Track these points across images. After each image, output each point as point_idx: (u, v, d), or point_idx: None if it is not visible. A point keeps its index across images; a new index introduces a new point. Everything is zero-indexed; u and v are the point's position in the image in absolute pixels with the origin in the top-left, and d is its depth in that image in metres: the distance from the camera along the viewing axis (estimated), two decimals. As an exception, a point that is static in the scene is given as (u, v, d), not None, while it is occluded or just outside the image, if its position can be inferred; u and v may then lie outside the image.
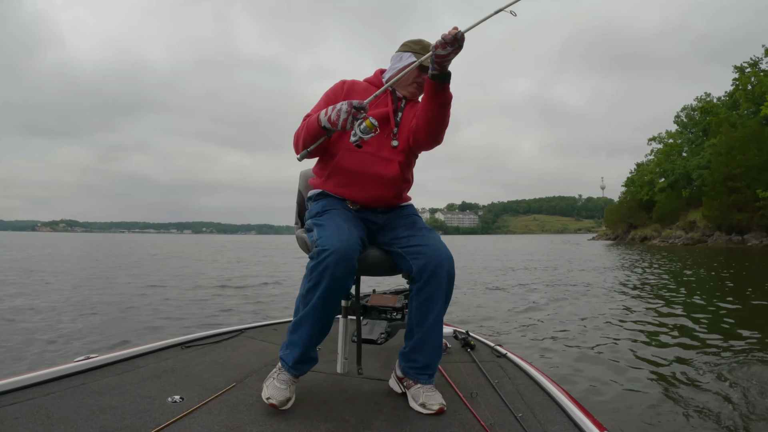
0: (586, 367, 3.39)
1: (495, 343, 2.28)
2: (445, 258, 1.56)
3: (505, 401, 1.56)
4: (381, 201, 1.73)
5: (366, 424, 1.40)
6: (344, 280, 1.47)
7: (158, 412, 1.41)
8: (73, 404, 1.43)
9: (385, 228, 1.73)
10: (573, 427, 1.37)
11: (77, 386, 1.58)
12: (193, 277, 10.29)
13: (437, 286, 1.54)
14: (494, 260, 17.29)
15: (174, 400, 1.50)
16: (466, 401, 1.57)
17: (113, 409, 1.41)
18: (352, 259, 1.47)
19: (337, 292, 1.49)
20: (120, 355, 1.90)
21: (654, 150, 52.98)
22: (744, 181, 32.79)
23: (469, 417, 1.45)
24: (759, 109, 35.76)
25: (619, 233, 54.93)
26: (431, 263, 1.53)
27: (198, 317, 5.30)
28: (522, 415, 1.45)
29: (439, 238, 1.64)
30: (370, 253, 1.68)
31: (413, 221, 1.73)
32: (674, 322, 5.07)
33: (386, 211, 1.76)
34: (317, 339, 1.55)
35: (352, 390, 1.69)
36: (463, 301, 6.68)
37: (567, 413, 1.46)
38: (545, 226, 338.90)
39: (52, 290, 7.63)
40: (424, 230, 1.68)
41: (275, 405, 1.44)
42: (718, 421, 2.40)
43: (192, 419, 1.37)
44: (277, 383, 1.51)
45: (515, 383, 1.77)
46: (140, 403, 1.47)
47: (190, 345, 2.18)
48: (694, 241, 36.81)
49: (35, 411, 1.36)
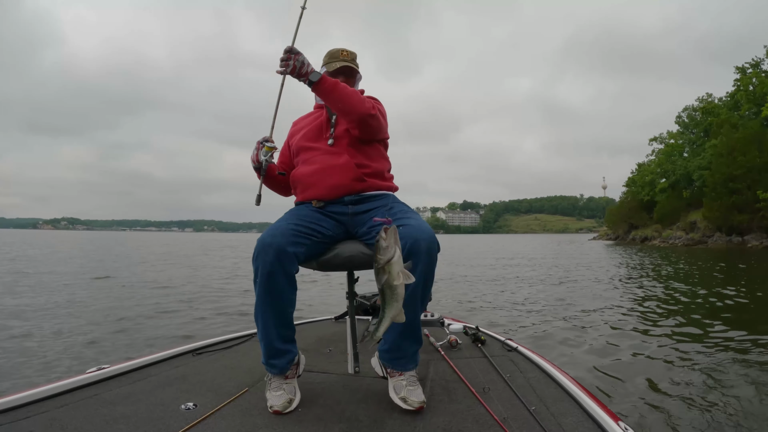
0: (597, 360, 3.42)
1: (505, 338, 2.30)
2: (422, 235, 1.49)
3: (518, 395, 1.57)
4: (340, 188, 1.73)
5: (379, 423, 1.40)
6: (274, 264, 1.48)
7: (171, 420, 1.42)
8: (87, 415, 1.44)
9: (361, 220, 1.73)
10: (587, 418, 1.39)
11: (90, 397, 1.60)
12: (202, 279, 10.30)
13: (415, 262, 1.45)
14: (497, 259, 17.28)
15: (187, 407, 1.51)
16: (479, 396, 1.58)
17: (127, 418, 1.42)
18: (280, 244, 1.50)
19: (272, 277, 1.49)
20: (132, 364, 1.91)
21: (655, 150, 52.93)
22: (745, 182, 32.68)
23: (483, 412, 1.46)
24: (760, 110, 35.70)
25: (619, 233, 54.82)
26: (407, 242, 1.47)
27: (207, 323, 5.32)
28: (535, 408, 1.46)
29: (418, 218, 1.61)
30: (347, 248, 1.68)
31: (389, 208, 1.71)
32: (683, 315, 5.10)
33: (355, 201, 1.75)
34: (275, 331, 1.54)
35: (365, 390, 1.70)
36: (470, 297, 6.71)
37: (581, 405, 1.47)
38: (547, 226, 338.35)
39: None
40: (401, 213, 1.64)
41: (278, 411, 1.46)
42: (730, 414, 2.42)
43: (205, 425, 1.38)
44: (272, 390, 1.54)
45: (527, 377, 1.78)
46: (153, 411, 1.48)
47: (201, 351, 2.19)
48: (694, 241, 36.73)
49: (49, 423, 1.37)
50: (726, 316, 5.17)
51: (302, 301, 6.58)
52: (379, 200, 1.76)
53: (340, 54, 1.90)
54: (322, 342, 2.42)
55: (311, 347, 2.32)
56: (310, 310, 5.55)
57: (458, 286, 8.37)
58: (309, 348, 2.31)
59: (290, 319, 1.60)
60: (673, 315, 5.07)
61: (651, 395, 2.67)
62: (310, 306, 5.93)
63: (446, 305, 6.07)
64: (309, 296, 6.91)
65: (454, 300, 6.65)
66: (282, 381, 1.56)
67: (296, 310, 1.60)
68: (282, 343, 1.57)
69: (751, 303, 6.30)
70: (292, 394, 1.54)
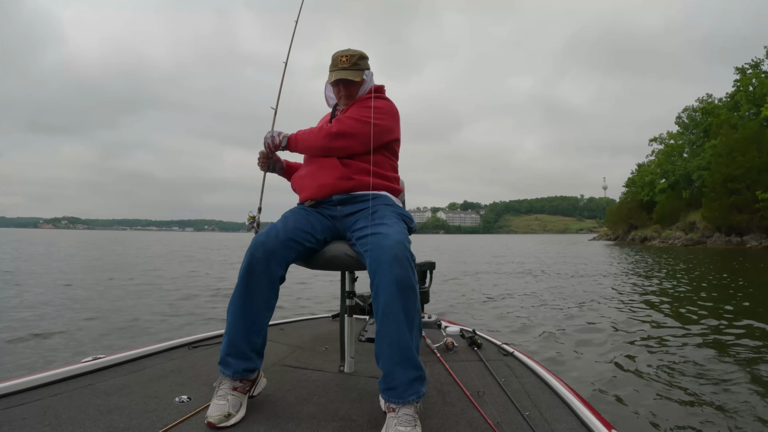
0: (592, 366, 3.41)
1: (502, 342, 2.29)
2: (387, 242, 1.42)
3: (512, 400, 1.57)
4: (326, 187, 1.72)
5: (373, 423, 1.40)
6: (261, 262, 1.48)
7: (165, 412, 1.41)
8: (81, 405, 1.44)
9: (347, 222, 1.70)
10: (580, 425, 1.38)
11: (85, 387, 1.59)
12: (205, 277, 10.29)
13: (383, 273, 1.37)
14: (497, 260, 17.28)
15: (181, 400, 1.51)
16: (473, 400, 1.57)
17: (120, 409, 1.42)
18: (272, 246, 1.51)
19: (254, 275, 1.48)
20: (127, 355, 1.91)
21: (655, 151, 53.01)
22: (744, 182, 32.72)
23: (476, 415, 1.46)
24: (759, 110, 35.71)
25: (619, 234, 54.92)
26: (374, 251, 1.41)
27: (202, 319, 5.33)
28: (529, 414, 1.46)
29: (393, 226, 1.52)
30: (333, 248, 1.67)
31: (375, 210, 1.64)
32: (680, 320, 5.09)
33: (343, 202, 1.72)
34: (243, 331, 1.47)
35: (359, 389, 1.69)
36: (468, 301, 6.71)
37: (574, 411, 1.47)
38: (547, 226, 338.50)
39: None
40: (378, 219, 1.58)
41: (212, 423, 1.32)
42: (726, 420, 2.42)
43: (199, 419, 1.38)
44: (216, 397, 1.41)
45: (522, 382, 1.78)
46: (147, 403, 1.48)
47: (197, 345, 2.19)
48: (693, 242, 36.77)
49: (43, 412, 1.37)
50: (725, 321, 5.16)
51: (294, 295, 6.63)
52: (366, 202, 1.70)
53: (339, 60, 1.81)
54: (318, 340, 2.42)
55: (307, 345, 2.33)
56: (311, 308, 5.55)
57: (457, 288, 8.37)
58: (305, 345, 2.31)
59: (262, 325, 1.50)
60: (671, 322, 5.05)
61: (645, 403, 2.65)
62: (308, 299, 5.93)
63: (443, 308, 6.07)
64: (299, 290, 6.93)
65: (451, 303, 6.65)
66: (229, 389, 1.43)
67: (297, 306, 1.59)
68: (245, 345, 1.47)
69: (751, 306, 6.30)
70: (235, 409, 1.38)
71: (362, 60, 1.83)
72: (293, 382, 1.76)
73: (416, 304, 1.39)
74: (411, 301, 1.38)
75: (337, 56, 1.82)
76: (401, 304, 1.36)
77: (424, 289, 2.75)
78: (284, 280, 1.56)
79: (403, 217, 1.68)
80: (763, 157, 31.68)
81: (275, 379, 1.77)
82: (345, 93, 1.83)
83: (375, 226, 1.52)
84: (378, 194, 1.75)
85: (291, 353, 2.17)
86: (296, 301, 6.27)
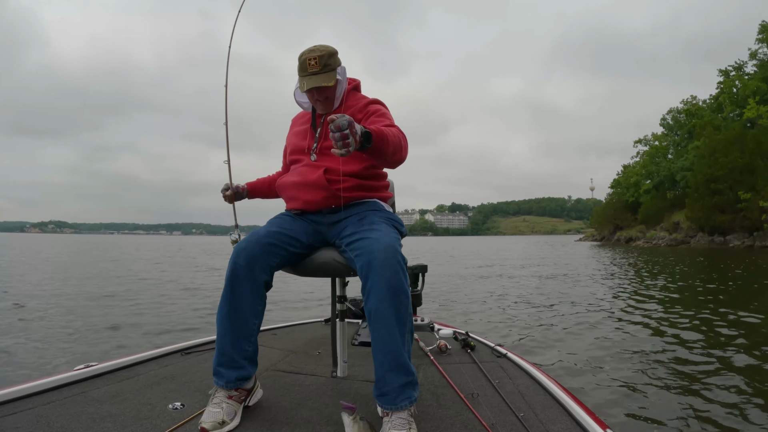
0: (586, 367, 3.44)
1: (495, 344, 2.30)
2: (378, 246, 1.39)
3: (507, 401, 1.58)
4: (315, 203, 1.68)
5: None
6: (243, 269, 1.47)
7: (159, 419, 1.40)
8: (74, 413, 1.42)
9: (336, 229, 1.66)
10: (575, 425, 1.39)
11: (77, 395, 1.57)
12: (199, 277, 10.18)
13: (374, 278, 1.36)
14: (485, 262, 17.37)
15: (174, 407, 1.50)
16: (468, 402, 1.58)
17: (113, 416, 1.41)
18: (253, 251, 1.49)
19: (237, 282, 1.46)
20: (120, 362, 1.89)
21: (640, 152, 53.80)
22: (726, 183, 33.34)
23: (471, 417, 1.46)
24: (742, 112, 36.46)
25: (605, 234, 55.54)
26: (365, 256, 1.40)
27: (196, 323, 5.28)
28: (524, 415, 1.46)
29: (383, 230, 1.50)
30: (322, 254, 1.66)
31: (364, 216, 1.62)
32: (672, 320, 5.17)
33: (332, 211, 1.68)
34: (232, 339, 1.46)
35: (353, 393, 1.69)
36: (461, 303, 6.73)
37: (569, 412, 1.48)
38: (535, 228, 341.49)
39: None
40: (368, 224, 1.55)
41: (205, 429, 1.31)
42: (719, 419, 2.45)
43: (193, 426, 1.37)
44: (211, 405, 1.41)
45: (516, 383, 1.79)
46: (140, 410, 1.47)
47: (190, 351, 2.18)
48: (677, 242, 37.36)
49: (35, 420, 1.35)
50: (716, 317, 5.25)
51: (289, 300, 6.59)
52: (355, 208, 1.68)
53: (307, 65, 1.63)
54: (311, 344, 2.41)
55: (300, 349, 2.32)
56: (303, 312, 5.51)
57: (448, 291, 8.40)
58: (298, 350, 2.30)
59: (251, 332, 1.48)
60: (663, 322, 5.12)
61: (639, 402, 2.69)
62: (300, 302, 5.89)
63: (436, 310, 6.08)
64: (290, 295, 6.92)
65: (444, 304, 6.67)
66: (224, 398, 1.42)
67: (290, 309, 1.57)
68: (236, 353, 1.46)
69: (737, 306, 6.41)
70: (230, 417, 1.37)
71: (332, 58, 1.66)
72: (287, 387, 1.75)
73: (408, 309, 1.38)
74: (403, 305, 1.36)
75: (304, 59, 1.64)
76: (393, 309, 1.35)
77: (417, 292, 2.76)
78: (270, 286, 1.54)
79: (393, 222, 1.66)
80: (745, 158, 32.33)
81: (269, 384, 1.75)
82: (321, 97, 1.72)
83: (365, 231, 1.50)
84: (368, 201, 1.73)
85: (284, 358, 2.16)
86: (287, 305, 6.25)
